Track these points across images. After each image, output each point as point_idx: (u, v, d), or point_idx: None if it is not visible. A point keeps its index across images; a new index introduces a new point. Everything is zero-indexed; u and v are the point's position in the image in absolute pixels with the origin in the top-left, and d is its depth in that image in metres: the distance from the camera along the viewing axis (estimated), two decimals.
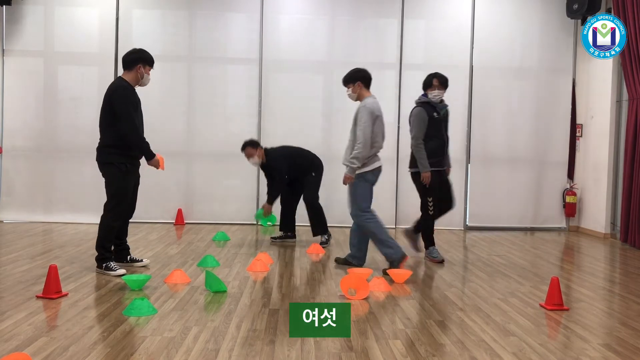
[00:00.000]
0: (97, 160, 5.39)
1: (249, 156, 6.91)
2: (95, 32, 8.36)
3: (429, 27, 8.68)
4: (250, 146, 6.88)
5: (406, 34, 8.59)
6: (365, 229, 5.63)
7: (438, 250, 6.30)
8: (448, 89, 8.52)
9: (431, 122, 6.11)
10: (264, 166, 7.01)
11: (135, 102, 5.39)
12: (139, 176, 5.62)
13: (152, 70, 5.52)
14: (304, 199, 6.96)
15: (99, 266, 5.28)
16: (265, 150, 6.95)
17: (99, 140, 5.39)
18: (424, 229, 6.30)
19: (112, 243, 5.41)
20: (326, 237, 6.96)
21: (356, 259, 5.83)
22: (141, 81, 5.45)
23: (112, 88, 5.35)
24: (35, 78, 8.36)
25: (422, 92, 6.34)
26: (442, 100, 6.31)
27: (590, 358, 3.51)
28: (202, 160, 8.56)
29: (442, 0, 8.69)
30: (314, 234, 7.02)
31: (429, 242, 6.27)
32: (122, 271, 5.20)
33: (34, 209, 8.29)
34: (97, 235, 5.34)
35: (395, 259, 5.51)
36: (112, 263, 5.26)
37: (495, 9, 8.69)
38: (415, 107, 6.24)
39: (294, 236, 7.20)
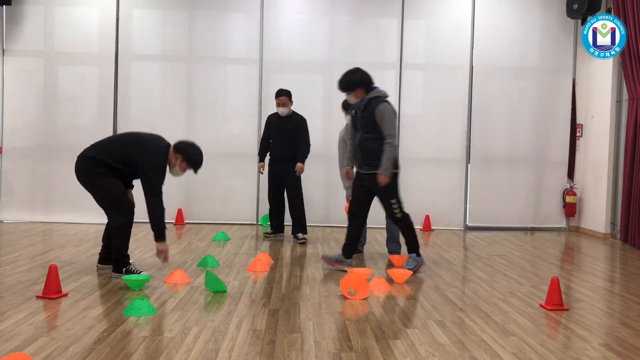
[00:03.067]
0: (75, 169, 5.10)
1: (284, 105, 7.12)
2: (95, 32, 8.36)
3: (429, 27, 8.69)
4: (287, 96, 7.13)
5: (406, 34, 8.59)
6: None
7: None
8: (448, 89, 8.65)
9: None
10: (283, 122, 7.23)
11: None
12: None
13: (191, 171, 5.21)
14: (292, 197, 7.27)
15: (118, 271, 5.09)
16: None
17: (89, 149, 5.12)
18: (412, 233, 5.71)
19: (128, 247, 5.22)
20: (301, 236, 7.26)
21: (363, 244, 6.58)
22: (169, 168, 5.18)
23: (155, 158, 5.07)
24: (35, 78, 8.36)
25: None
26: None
27: (590, 358, 3.51)
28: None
29: (442, 0, 8.69)
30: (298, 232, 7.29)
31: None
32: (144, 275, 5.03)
33: (34, 209, 8.29)
34: (114, 242, 5.12)
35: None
36: (131, 266, 5.12)
37: (495, 9, 8.69)
38: (383, 102, 5.49)
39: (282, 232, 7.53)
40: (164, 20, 8.53)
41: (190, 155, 5.16)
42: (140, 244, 6.77)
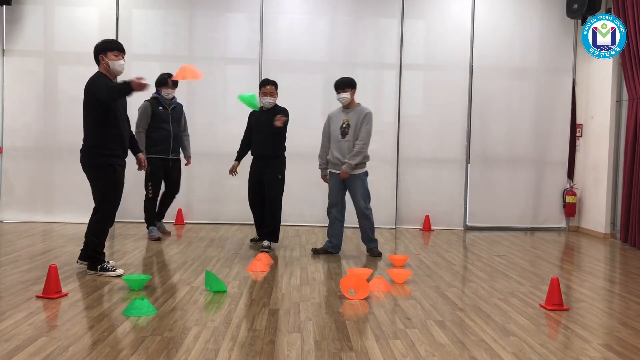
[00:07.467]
0: (81, 162, 5.21)
1: (271, 94, 6.62)
2: (95, 32, 8.34)
3: (429, 27, 8.68)
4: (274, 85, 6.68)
5: (406, 34, 8.59)
6: (370, 220, 6.36)
7: (158, 229, 7.14)
8: (448, 89, 8.65)
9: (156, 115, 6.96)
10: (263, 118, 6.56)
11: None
12: (123, 176, 5.40)
13: (122, 55, 5.26)
14: (269, 199, 6.62)
15: (93, 268, 5.17)
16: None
17: (82, 142, 5.25)
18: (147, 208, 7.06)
19: (104, 246, 5.30)
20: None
21: (336, 247, 6.46)
22: (112, 70, 5.23)
23: (90, 81, 5.20)
24: (35, 78, 8.36)
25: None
26: (173, 97, 7.14)
27: (590, 358, 3.52)
28: (202, 160, 8.54)
29: (442, 0, 8.69)
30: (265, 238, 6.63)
31: (150, 221, 7.07)
32: (120, 271, 5.17)
33: (34, 209, 8.29)
34: (91, 240, 5.20)
35: (376, 247, 6.47)
36: (107, 264, 5.19)
37: (495, 9, 8.69)
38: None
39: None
40: (164, 20, 8.53)
41: (98, 51, 5.30)
42: (140, 244, 6.77)
